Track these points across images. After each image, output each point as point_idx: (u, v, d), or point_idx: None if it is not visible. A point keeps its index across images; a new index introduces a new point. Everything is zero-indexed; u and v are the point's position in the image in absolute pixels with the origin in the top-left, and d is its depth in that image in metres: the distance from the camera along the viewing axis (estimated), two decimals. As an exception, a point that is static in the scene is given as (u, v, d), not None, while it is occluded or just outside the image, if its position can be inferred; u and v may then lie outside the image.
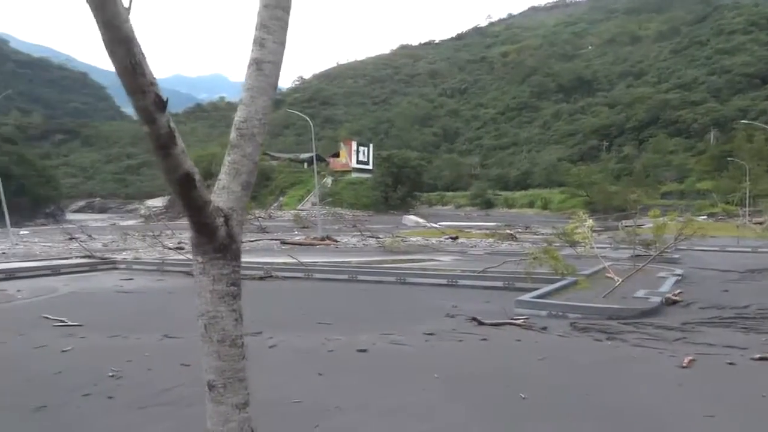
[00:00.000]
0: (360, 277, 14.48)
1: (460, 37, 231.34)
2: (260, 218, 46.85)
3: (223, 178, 2.12)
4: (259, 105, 2.13)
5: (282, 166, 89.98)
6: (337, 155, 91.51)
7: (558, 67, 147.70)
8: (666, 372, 5.96)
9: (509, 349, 7.11)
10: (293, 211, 63.26)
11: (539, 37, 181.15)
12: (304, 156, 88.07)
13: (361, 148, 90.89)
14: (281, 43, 2.17)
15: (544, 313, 9.28)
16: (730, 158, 51.85)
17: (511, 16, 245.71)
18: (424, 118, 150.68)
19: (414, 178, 74.20)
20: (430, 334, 7.85)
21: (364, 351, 6.86)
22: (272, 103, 2.20)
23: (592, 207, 52.84)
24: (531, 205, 76.15)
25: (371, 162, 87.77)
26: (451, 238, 28.60)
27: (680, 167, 71.41)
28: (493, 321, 8.59)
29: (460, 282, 13.37)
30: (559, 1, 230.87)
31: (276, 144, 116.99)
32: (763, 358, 6.31)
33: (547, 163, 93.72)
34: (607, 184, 62.85)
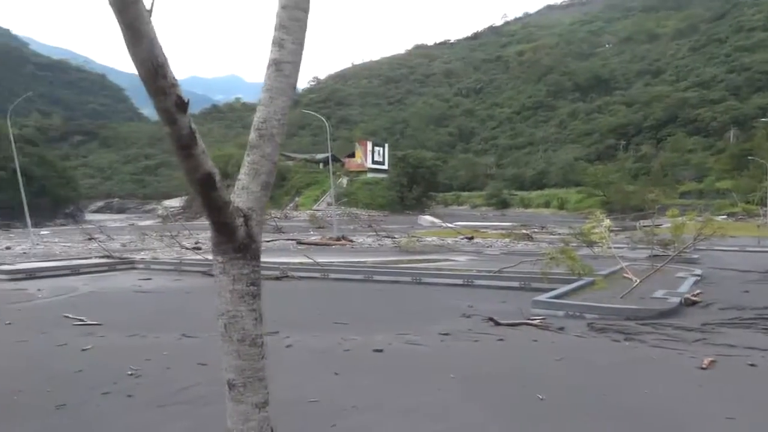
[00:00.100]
0: (376, 277, 14.48)
1: (475, 37, 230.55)
2: (276, 218, 47.06)
3: (243, 178, 2.13)
4: (278, 105, 2.14)
5: (298, 166, 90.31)
6: (352, 155, 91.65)
7: (574, 65, 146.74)
8: (685, 373, 5.89)
9: (526, 350, 7.07)
10: (309, 212, 63.47)
11: (555, 36, 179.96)
12: (320, 156, 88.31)
13: (377, 149, 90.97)
14: (300, 44, 2.18)
15: (561, 313, 9.21)
16: (750, 157, 51.15)
17: (527, 15, 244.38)
18: (439, 118, 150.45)
19: (429, 178, 74.09)
20: (445, 334, 7.83)
21: (380, 351, 6.87)
22: (291, 103, 2.21)
23: (609, 207, 52.43)
24: (547, 205, 75.74)
25: (386, 162, 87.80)
26: (467, 238, 28.51)
27: (699, 166, 70.60)
28: (510, 321, 8.54)
29: (476, 282, 13.32)
30: (576, 0, 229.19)
31: (291, 144, 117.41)
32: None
33: (564, 162, 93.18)
34: (624, 184, 62.30)
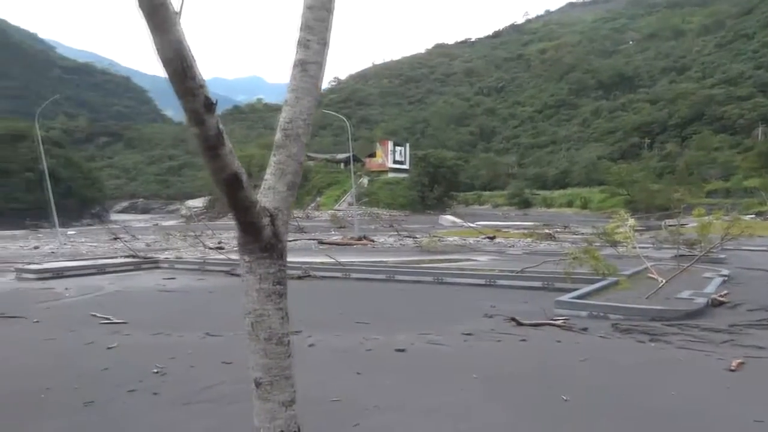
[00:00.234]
0: (397, 277, 14.48)
1: (496, 35, 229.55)
2: (298, 218, 47.33)
3: (269, 178, 2.15)
4: (303, 105, 2.15)
5: (319, 166, 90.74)
6: (373, 155, 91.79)
7: (597, 63, 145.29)
8: (713, 375, 5.80)
9: (549, 350, 7.01)
10: (330, 211, 63.71)
11: (577, 34, 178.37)
12: (341, 156, 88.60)
13: (398, 148, 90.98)
14: (325, 44, 2.19)
15: (585, 313, 9.11)
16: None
17: (548, 13, 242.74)
18: (460, 118, 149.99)
19: (450, 178, 73.88)
20: (468, 335, 7.80)
21: (402, 351, 6.86)
22: (316, 103, 2.23)
23: (633, 206, 51.66)
24: (570, 205, 75.04)
25: (407, 162, 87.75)
26: (489, 238, 28.36)
27: (726, 164, 69.32)
28: (532, 321, 8.48)
29: (498, 282, 13.24)
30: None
31: (313, 144, 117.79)
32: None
33: (587, 161, 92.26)
34: (648, 183, 61.42)
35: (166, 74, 1.67)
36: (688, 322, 8.38)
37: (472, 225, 39.00)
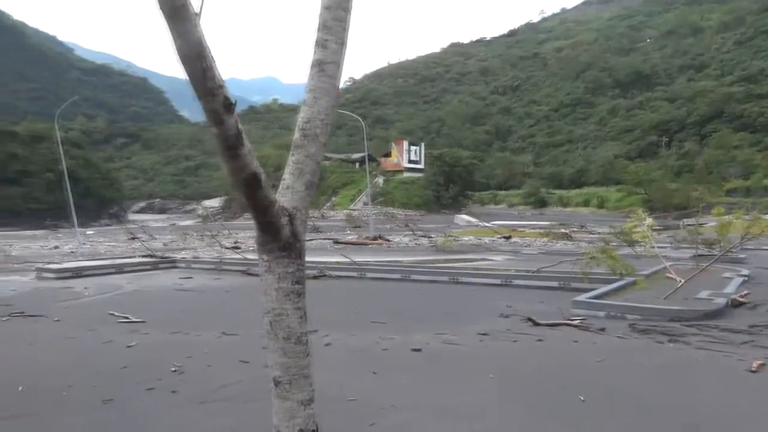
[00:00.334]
0: (413, 277, 14.46)
1: (512, 34, 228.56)
2: (313, 218, 47.48)
3: (287, 178, 2.16)
4: (321, 105, 2.16)
5: (334, 166, 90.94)
6: (388, 155, 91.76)
7: (614, 61, 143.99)
8: (733, 376, 5.72)
9: (566, 350, 6.96)
10: (345, 211, 63.83)
11: (594, 32, 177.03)
12: (356, 156, 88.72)
13: (413, 148, 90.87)
14: (342, 44, 2.20)
15: (602, 314, 9.04)
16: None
17: (564, 11, 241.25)
18: (475, 117, 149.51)
19: (466, 177, 73.68)
20: (484, 334, 7.77)
21: (418, 350, 6.85)
22: (334, 103, 2.23)
23: (650, 205, 51.10)
24: (586, 204, 74.48)
25: (423, 161, 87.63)
26: (504, 238, 28.24)
27: (746, 163, 68.37)
28: (549, 321, 8.43)
29: (514, 282, 13.16)
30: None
31: (328, 144, 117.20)
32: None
33: (604, 160, 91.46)
34: (666, 182, 60.73)
35: (186, 75, 1.69)
36: (708, 322, 8.28)
37: (487, 224, 38.86)
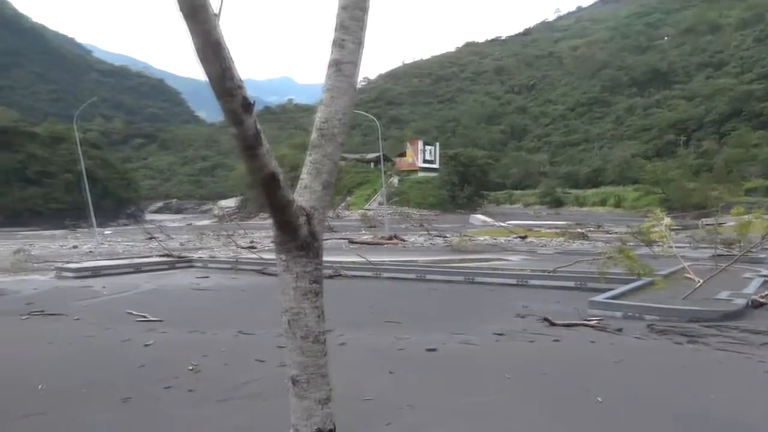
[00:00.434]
0: (428, 277, 14.44)
1: (527, 33, 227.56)
2: (328, 218, 47.55)
3: (305, 177, 2.17)
4: (339, 105, 2.16)
5: (349, 166, 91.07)
6: (403, 154, 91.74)
7: (631, 59, 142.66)
8: (753, 378, 5.64)
9: (583, 351, 6.92)
10: (360, 211, 63.90)
11: (610, 30, 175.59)
12: (371, 156, 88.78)
13: (427, 147, 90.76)
14: (360, 44, 2.20)
15: (619, 314, 8.96)
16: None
17: (580, 9, 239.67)
18: (490, 116, 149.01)
19: (481, 177, 73.46)
20: (500, 334, 7.74)
21: (434, 350, 6.84)
22: (352, 103, 2.23)
23: (668, 205, 50.59)
24: (603, 203, 73.91)
25: (437, 161, 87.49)
26: (520, 238, 28.11)
27: (765, 162, 67.42)
28: (566, 322, 8.37)
29: (530, 282, 13.09)
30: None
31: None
32: None
33: (620, 159, 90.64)
34: (684, 181, 60.05)
35: (205, 75, 1.70)
36: (727, 323, 8.17)
37: (503, 224, 38.70)
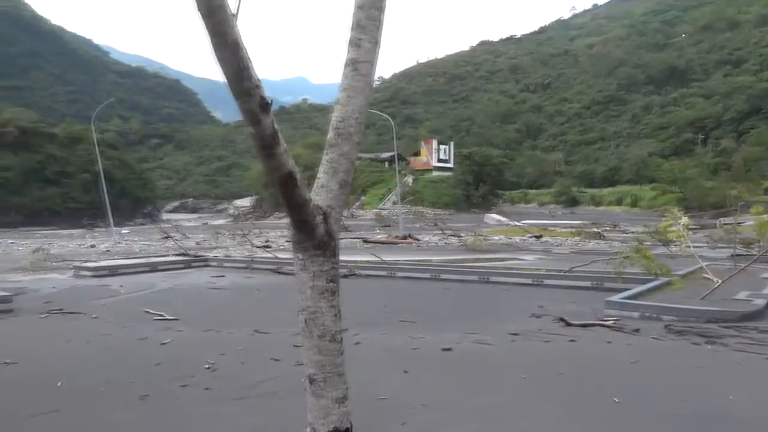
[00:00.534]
0: (442, 276, 14.41)
1: (542, 31, 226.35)
2: (343, 217, 47.63)
3: (322, 176, 2.17)
4: (355, 104, 2.17)
5: (363, 165, 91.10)
6: (417, 154, 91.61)
7: (648, 57, 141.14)
8: (774, 379, 5.57)
9: (599, 351, 6.87)
10: (375, 210, 63.92)
11: (626, 27, 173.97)
12: (385, 155, 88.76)
13: (442, 147, 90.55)
14: (376, 43, 2.20)
15: (636, 314, 8.88)
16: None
17: (596, 7, 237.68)
18: (505, 115, 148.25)
19: (495, 176, 73.11)
20: (515, 334, 7.71)
21: (449, 350, 6.83)
22: (368, 102, 2.23)
23: (686, 204, 50.00)
24: (619, 203, 73.20)
25: (452, 160, 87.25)
26: (535, 237, 27.96)
27: (787, 161, 66.35)
28: (582, 322, 8.32)
29: (546, 281, 13.01)
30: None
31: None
32: None
33: (637, 158, 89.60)
34: (702, 180, 59.27)
35: (223, 75, 1.71)
36: (746, 324, 8.08)
37: (518, 224, 38.52)
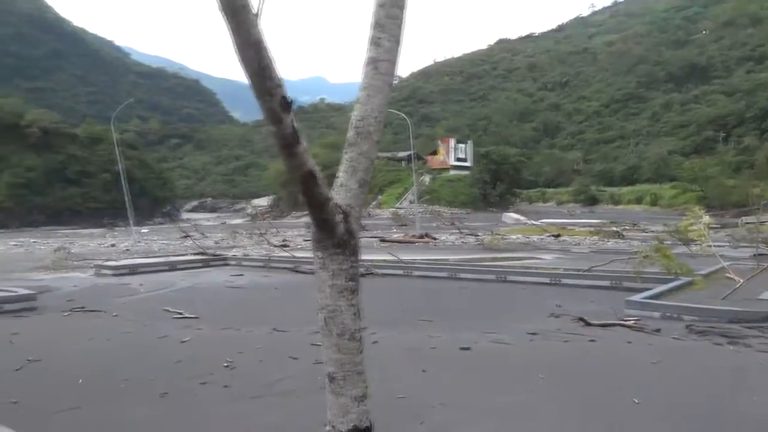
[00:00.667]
0: (460, 275, 14.36)
1: (560, 29, 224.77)
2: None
3: (341, 175, 2.18)
4: (375, 103, 2.17)
5: (380, 164, 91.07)
6: (434, 153, 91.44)
7: (668, 54, 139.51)
8: (799, 381, 5.47)
9: (620, 352, 6.80)
10: (392, 209, 63.92)
11: (647, 24, 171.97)
12: (402, 154, 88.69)
13: (459, 146, 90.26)
14: (397, 41, 2.20)
15: (657, 314, 8.78)
16: None
17: (616, 3, 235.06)
18: (523, 114, 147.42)
19: (513, 175, 72.74)
20: (533, 334, 7.66)
21: (467, 349, 6.81)
22: (388, 101, 2.24)
23: (706, 203, 49.34)
24: (639, 201, 72.46)
25: (469, 159, 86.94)
26: (553, 236, 27.78)
27: (810, 158, 65.15)
28: (601, 322, 8.24)
29: (564, 281, 12.91)
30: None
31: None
32: None
33: (657, 156, 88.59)
34: (724, 178, 58.44)
35: (245, 74, 1.72)
36: (770, 324, 7.94)
37: (536, 223, 38.30)
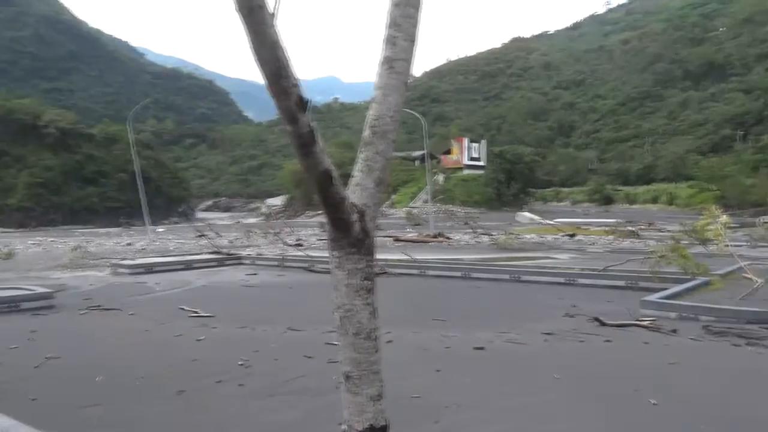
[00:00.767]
0: (474, 275, 14.32)
1: (575, 27, 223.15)
2: (374, 215, 47.69)
3: (357, 175, 2.19)
4: (391, 102, 2.17)
5: (394, 164, 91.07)
6: (448, 152, 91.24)
7: (685, 52, 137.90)
8: (819, 383, 5.40)
9: (636, 352, 6.75)
10: (405, 209, 63.86)
11: (663, 22, 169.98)
12: (416, 154, 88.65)
13: (473, 145, 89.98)
14: (412, 41, 2.20)
15: (674, 314, 8.70)
16: None
17: (631, 1, 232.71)
18: (537, 113, 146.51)
19: (527, 174, 72.41)
20: (548, 334, 7.62)
21: (481, 349, 6.80)
22: (403, 100, 2.24)
23: (724, 202, 48.72)
24: (655, 201, 71.71)
25: (483, 158, 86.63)
26: (568, 236, 27.60)
27: (830, 157, 64.19)
28: (617, 322, 8.18)
29: (579, 281, 12.82)
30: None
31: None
32: None
33: (673, 155, 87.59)
34: (742, 177, 57.74)
35: (261, 74, 1.73)
36: (790, 325, 7.84)
37: (550, 222, 38.08)
